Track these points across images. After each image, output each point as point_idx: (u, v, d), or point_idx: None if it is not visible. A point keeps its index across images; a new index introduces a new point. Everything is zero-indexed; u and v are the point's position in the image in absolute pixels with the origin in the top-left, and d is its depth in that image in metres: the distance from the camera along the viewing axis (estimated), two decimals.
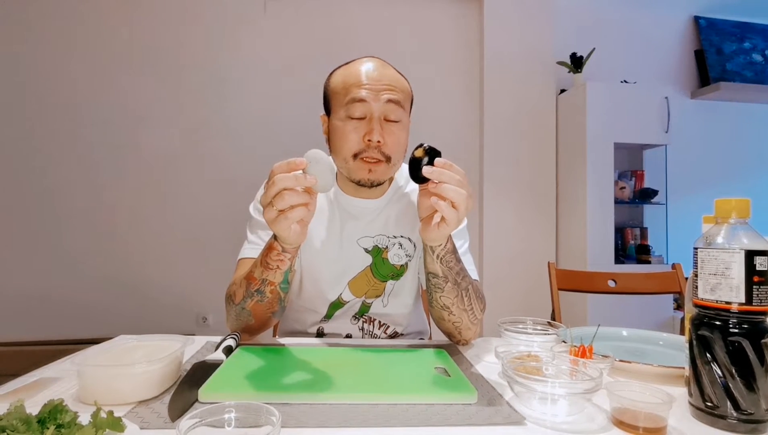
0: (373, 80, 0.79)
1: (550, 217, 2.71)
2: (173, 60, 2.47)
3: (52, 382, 0.61)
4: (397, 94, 0.80)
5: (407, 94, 0.85)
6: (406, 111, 0.83)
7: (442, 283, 0.75)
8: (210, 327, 2.45)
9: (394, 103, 0.79)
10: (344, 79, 0.82)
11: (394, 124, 0.80)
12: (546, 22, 2.70)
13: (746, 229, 0.51)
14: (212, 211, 2.48)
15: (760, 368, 0.48)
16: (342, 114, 0.81)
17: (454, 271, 0.75)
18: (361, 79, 0.79)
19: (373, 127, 0.78)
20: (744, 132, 3.05)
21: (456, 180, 0.64)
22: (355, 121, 0.79)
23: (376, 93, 0.78)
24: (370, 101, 0.78)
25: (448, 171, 0.65)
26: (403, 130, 0.82)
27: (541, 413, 0.52)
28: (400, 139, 0.82)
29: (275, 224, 0.63)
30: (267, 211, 0.63)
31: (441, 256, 0.73)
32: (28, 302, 2.34)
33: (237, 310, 0.78)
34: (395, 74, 0.83)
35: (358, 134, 0.79)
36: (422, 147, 0.68)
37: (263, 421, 0.42)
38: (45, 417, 0.41)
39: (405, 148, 0.85)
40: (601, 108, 2.46)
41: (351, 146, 0.80)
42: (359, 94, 0.78)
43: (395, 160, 0.83)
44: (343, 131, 0.80)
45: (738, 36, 3.03)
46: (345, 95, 0.80)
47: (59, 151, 2.39)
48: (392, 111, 0.79)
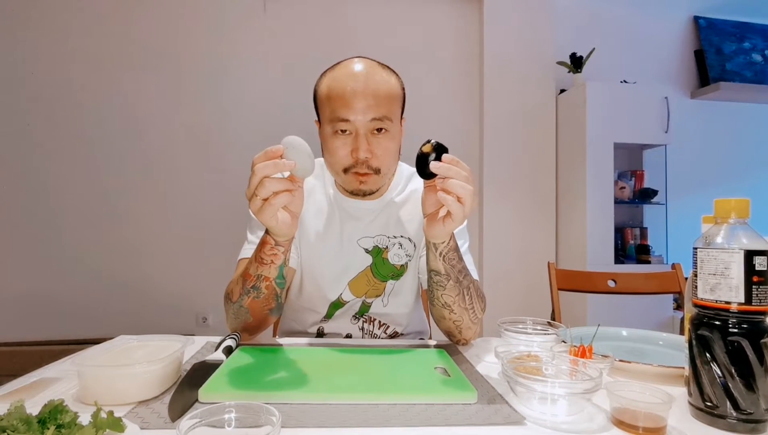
0: (356, 97, 0.77)
1: (550, 217, 2.71)
2: (173, 60, 2.47)
3: (53, 382, 0.61)
4: (382, 109, 0.78)
5: (396, 99, 0.82)
6: (395, 118, 0.81)
7: (444, 281, 0.75)
8: (210, 327, 2.45)
9: (379, 119, 0.78)
10: (329, 93, 0.80)
11: (381, 135, 0.80)
12: (546, 22, 2.70)
13: (745, 229, 0.51)
14: (212, 211, 2.48)
15: (760, 368, 0.48)
16: (329, 129, 0.81)
17: (456, 268, 0.75)
18: (344, 96, 0.77)
19: (359, 145, 0.78)
20: (744, 132, 3.05)
21: (463, 176, 0.65)
22: (343, 136, 0.79)
23: (360, 111, 0.77)
24: (355, 120, 0.77)
25: (455, 167, 0.65)
26: (392, 140, 0.82)
27: (540, 413, 0.52)
28: (389, 150, 0.81)
29: (261, 214, 0.64)
30: (252, 203, 0.64)
31: (444, 254, 0.73)
32: (28, 302, 2.34)
33: (235, 309, 0.78)
34: (382, 78, 0.80)
35: (346, 150, 0.80)
36: (430, 143, 0.68)
37: (263, 421, 0.42)
38: (45, 417, 0.41)
39: (396, 155, 0.85)
40: (600, 108, 2.46)
41: (340, 161, 0.81)
42: (343, 114, 0.77)
43: (386, 170, 0.83)
44: (332, 146, 0.81)
45: (738, 36, 3.03)
46: (330, 111, 0.79)
47: (59, 151, 2.39)
48: (378, 124, 0.79)
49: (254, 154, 0.64)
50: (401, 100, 0.85)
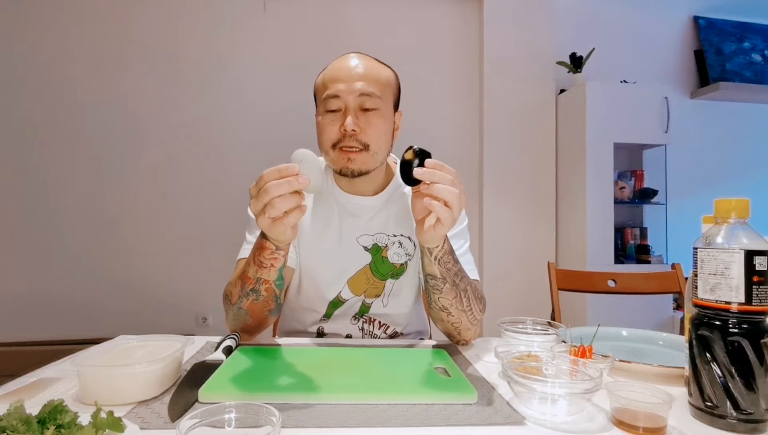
0: (347, 74, 0.81)
1: (550, 217, 2.71)
2: (173, 60, 2.47)
3: (52, 382, 0.61)
4: (371, 86, 0.81)
5: (387, 84, 0.84)
6: (385, 100, 0.83)
7: (440, 285, 0.75)
8: (210, 327, 2.45)
9: (367, 94, 0.80)
10: (323, 77, 0.85)
11: (371, 112, 0.82)
12: (546, 22, 2.70)
13: (746, 229, 0.51)
14: (212, 211, 2.47)
15: (760, 368, 0.48)
16: (321, 109, 0.84)
17: (452, 272, 0.75)
18: (336, 74, 0.82)
19: (347, 119, 0.80)
20: (743, 132, 3.05)
21: (448, 179, 0.64)
22: (332, 114, 0.82)
23: (349, 86, 0.80)
24: (344, 95, 0.80)
25: (439, 171, 0.65)
26: (381, 118, 0.83)
27: (541, 413, 0.52)
28: (378, 128, 0.82)
29: (271, 231, 0.63)
30: (260, 220, 0.62)
31: (438, 258, 0.73)
32: (28, 302, 2.34)
33: (234, 311, 0.78)
34: (374, 65, 0.84)
35: (335, 126, 0.81)
36: (412, 149, 0.68)
37: (263, 422, 0.42)
38: (45, 417, 0.41)
39: (387, 136, 0.85)
40: (600, 108, 2.46)
41: (329, 137, 0.82)
42: (333, 90, 0.81)
43: (375, 148, 0.83)
44: (322, 125, 0.83)
45: (737, 36, 3.03)
46: (323, 91, 0.83)
47: (59, 151, 2.39)
48: (367, 101, 0.81)
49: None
50: (393, 89, 0.87)
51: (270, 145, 2.48)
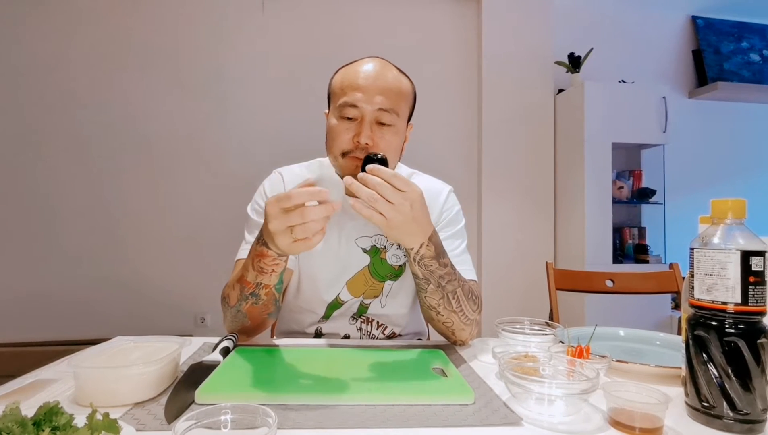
0: (368, 85, 0.80)
1: (549, 216, 2.72)
2: (172, 60, 2.46)
3: (49, 383, 0.61)
4: (391, 102, 0.80)
5: (405, 97, 0.85)
6: (401, 116, 0.84)
7: (424, 284, 0.76)
8: (208, 327, 2.45)
9: (386, 111, 0.80)
10: (342, 80, 0.83)
11: (385, 127, 0.82)
12: (544, 22, 2.70)
13: (742, 229, 0.51)
14: (211, 211, 2.47)
15: (756, 368, 0.48)
16: (336, 113, 0.83)
17: (436, 275, 0.75)
18: (357, 83, 0.80)
19: (362, 130, 0.79)
20: (741, 132, 3.06)
21: (365, 193, 0.63)
22: (347, 122, 0.81)
23: (369, 98, 0.79)
24: (363, 106, 0.79)
25: (360, 183, 0.64)
26: (395, 135, 0.83)
27: (538, 414, 0.52)
28: (391, 143, 0.83)
29: (290, 249, 0.63)
30: (281, 238, 0.61)
31: (418, 260, 0.73)
32: (26, 303, 2.34)
33: (233, 313, 0.77)
34: (394, 77, 0.83)
35: (349, 135, 0.81)
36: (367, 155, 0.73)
37: (259, 423, 0.42)
38: (41, 419, 0.41)
39: (397, 151, 0.86)
40: (599, 108, 2.47)
41: (341, 145, 0.82)
42: (351, 98, 0.80)
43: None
44: (335, 130, 0.83)
45: (736, 36, 3.04)
46: (341, 96, 0.82)
47: (58, 151, 2.38)
48: (384, 116, 0.81)
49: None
50: (410, 101, 0.88)
51: (269, 145, 2.48)
